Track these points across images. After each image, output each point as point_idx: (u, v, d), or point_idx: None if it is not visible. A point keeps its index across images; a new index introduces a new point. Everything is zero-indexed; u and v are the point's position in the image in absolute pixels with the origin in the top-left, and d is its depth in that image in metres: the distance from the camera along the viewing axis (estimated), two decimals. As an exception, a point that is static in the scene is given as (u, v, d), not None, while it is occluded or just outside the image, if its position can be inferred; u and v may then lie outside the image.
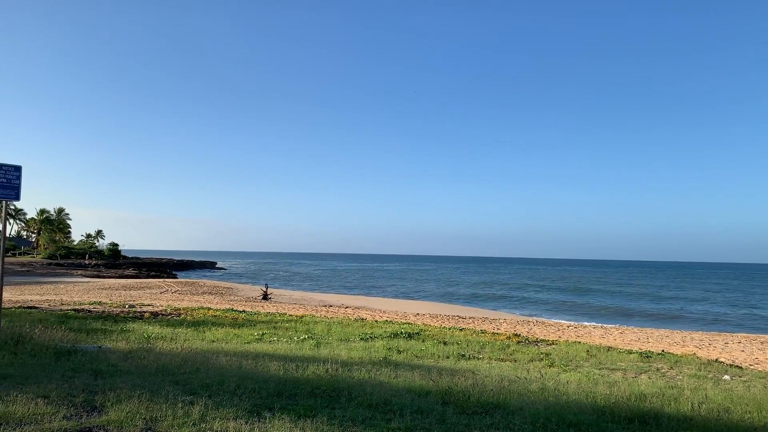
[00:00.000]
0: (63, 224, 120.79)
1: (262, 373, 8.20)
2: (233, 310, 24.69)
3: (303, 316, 23.20)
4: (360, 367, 9.41)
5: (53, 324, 14.11)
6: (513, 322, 28.68)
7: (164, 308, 24.34)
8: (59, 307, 23.17)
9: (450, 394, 7.19)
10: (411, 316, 29.32)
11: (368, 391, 7.00)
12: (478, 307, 46.67)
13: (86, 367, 8.26)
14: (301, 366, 8.90)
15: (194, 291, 45.85)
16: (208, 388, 6.86)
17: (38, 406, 5.62)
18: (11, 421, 5.14)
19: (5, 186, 10.81)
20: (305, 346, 13.32)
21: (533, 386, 8.34)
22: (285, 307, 30.99)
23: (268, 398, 6.53)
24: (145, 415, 5.40)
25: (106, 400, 5.97)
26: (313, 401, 6.55)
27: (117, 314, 20.59)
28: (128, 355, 9.67)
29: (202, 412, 5.53)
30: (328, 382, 7.58)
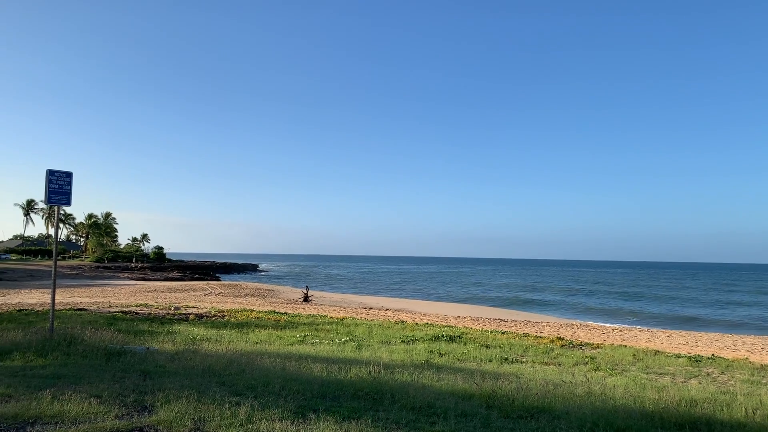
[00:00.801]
0: (110, 228, 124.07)
1: (305, 375, 8.27)
2: (275, 312, 24.98)
3: (344, 318, 23.32)
4: (402, 370, 9.40)
5: (102, 326, 14.53)
6: (556, 326, 28.25)
7: (208, 310, 24.79)
8: (107, 309, 23.83)
9: (494, 397, 7.13)
10: (451, 318, 29.16)
11: (411, 393, 6.99)
12: (519, 309, 46.14)
13: (135, 367, 8.48)
14: (343, 368, 8.94)
15: (237, 293, 46.56)
16: (254, 389, 6.95)
17: (91, 405, 5.78)
18: (66, 419, 5.30)
19: (57, 192, 11.19)
20: (347, 348, 13.39)
21: (579, 390, 8.20)
22: (325, 310, 31.19)
23: (312, 400, 6.59)
24: (194, 415, 5.50)
25: (155, 400, 6.10)
26: (357, 403, 6.58)
27: (163, 316, 21.06)
28: (175, 356, 9.87)
29: (249, 412, 5.60)
30: (370, 384, 7.60)
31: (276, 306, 32.04)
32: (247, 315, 22.61)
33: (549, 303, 54.20)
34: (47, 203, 11.16)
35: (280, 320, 20.83)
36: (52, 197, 11.12)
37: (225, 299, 37.55)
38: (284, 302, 37.62)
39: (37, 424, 5.13)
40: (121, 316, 20.41)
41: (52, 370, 8.04)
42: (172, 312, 23.18)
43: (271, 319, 21.21)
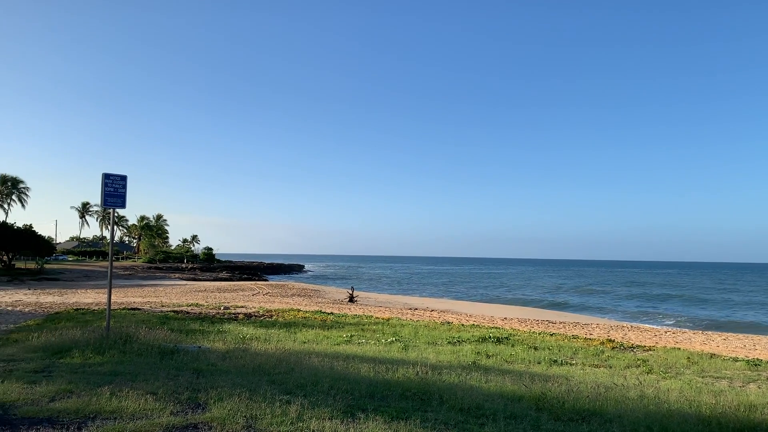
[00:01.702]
0: (161, 230, 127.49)
1: (353, 375, 8.33)
2: (322, 312, 25.20)
3: (389, 318, 23.36)
4: (449, 371, 9.37)
5: (155, 325, 14.93)
6: (606, 327, 27.67)
7: (257, 310, 25.19)
8: (160, 308, 24.47)
9: (543, 399, 7.05)
10: (498, 320, 28.89)
11: (459, 395, 6.97)
12: (567, 311, 45.37)
13: (188, 366, 8.70)
14: (390, 368, 8.97)
15: (284, 293, 47.19)
16: (303, 387, 7.05)
17: (147, 402, 5.97)
18: (125, 415, 5.49)
19: (113, 195, 11.55)
20: (393, 348, 13.41)
21: (631, 393, 8.03)
22: (371, 310, 31.31)
23: (361, 399, 6.64)
24: (246, 413, 5.62)
25: (208, 398, 6.25)
26: (405, 403, 6.60)
27: (213, 315, 21.51)
28: (226, 355, 10.08)
29: (299, 411, 5.68)
30: (418, 384, 7.61)
31: (322, 306, 32.33)
32: (295, 315, 22.88)
33: (596, 304, 53.10)
34: (103, 206, 11.54)
35: (327, 320, 21.01)
36: (107, 200, 11.48)
37: (272, 299, 38.10)
38: (330, 302, 37.93)
39: (97, 419, 5.32)
40: (173, 315, 20.94)
41: (110, 368, 8.32)
42: (222, 311, 23.65)
43: (318, 319, 21.42)
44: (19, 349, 10.78)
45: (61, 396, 6.20)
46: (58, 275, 65.00)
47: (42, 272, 66.76)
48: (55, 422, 5.22)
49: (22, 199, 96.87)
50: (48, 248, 76.70)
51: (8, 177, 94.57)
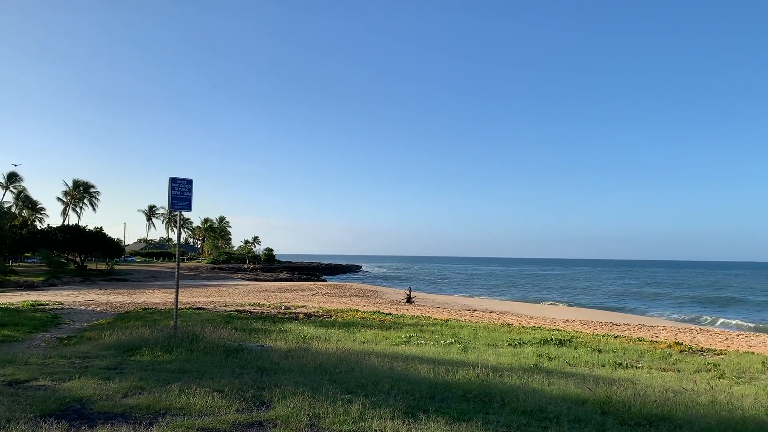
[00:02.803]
0: (224, 231, 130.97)
1: (413, 375, 8.34)
2: (380, 313, 25.34)
3: (448, 320, 23.27)
4: (511, 373, 9.26)
5: (220, 324, 15.34)
6: (673, 330, 26.73)
7: (316, 310, 25.55)
8: (223, 308, 25.14)
9: (609, 403, 6.87)
10: (560, 322, 28.32)
11: (521, 397, 6.87)
12: (630, 312, 44.06)
13: (252, 364, 8.90)
14: (450, 370, 8.93)
15: (342, 293, 47.66)
16: (364, 387, 7.09)
17: (214, 399, 6.13)
18: (193, 412, 5.66)
19: (179, 198, 11.92)
20: (452, 350, 13.36)
21: (702, 399, 7.73)
22: (429, 311, 31.25)
23: (421, 400, 6.63)
24: (309, 412, 5.70)
25: (272, 396, 6.38)
26: (466, 405, 6.55)
27: (274, 315, 21.94)
28: (288, 353, 10.26)
29: (361, 410, 5.72)
30: (479, 386, 7.54)
31: (380, 306, 32.48)
32: (353, 315, 23.09)
33: (661, 305, 51.40)
34: (170, 209, 11.94)
35: (385, 321, 21.11)
36: (174, 203, 11.87)
37: (331, 299, 38.55)
38: (388, 303, 38.07)
39: (167, 415, 5.51)
40: (236, 314, 21.48)
41: (178, 365, 8.60)
42: (283, 311, 24.10)
43: (376, 319, 21.54)
44: (93, 347, 11.29)
45: (133, 392, 6.44)
46: (127, 276, 67.67)
47: (112, 273, 69.65)
48: (128, 417, 5.43)
49: (93, 203, 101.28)
50: (117, 250, 79.99)
51: (80, 182, 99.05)
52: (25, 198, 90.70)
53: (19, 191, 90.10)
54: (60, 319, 20.01)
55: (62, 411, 5.60)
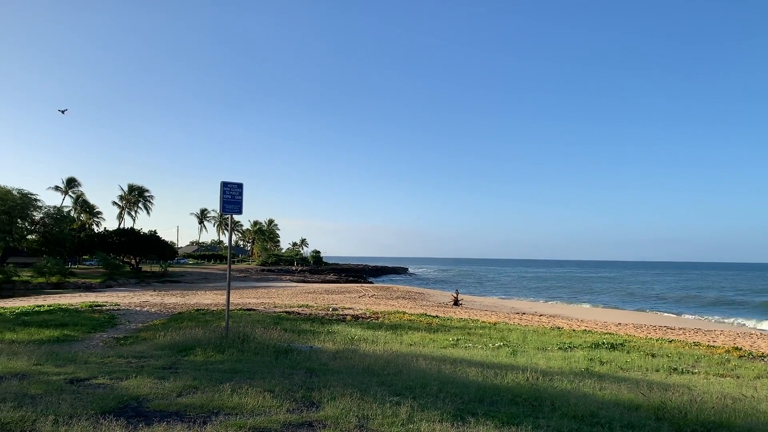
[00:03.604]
0: (272, 234, 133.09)
1: (461, 378, 8.30)
2: (427, 315, 25.28)
3: (496, 323, 23.04)
4: (561, 377, 9.11)
5: (270, 325, 15.58)
6: (731, 334, 25.77)
7: (363, 311, 25.68)
8: (272, 309, 25.52)
9: (663, 409, 6.69)
10: (611, 325, 27.68)
11: (572, 402, 6.76)
12: (685, 316, 42.70)
13: (301, 365, 9.02)
14: (499, 373, 8.85)
15: (388, 296, 47.73)
16: (412, 390, 7.09)
17: (265, 399, 6.24)
18: (245, 411, 5.77)
19: (230, 201, 12.17)
20: (501, 353, 13.22)
21: (763, 406, 7.45)
22: (476, 314, 31.00)
23: (470, 403, 6.59)
24: (357, 413, 5.74)
25: (322, 396, 6.45)
26: (515, 409, 6.48)
27: (322, 317, 22.16)
28: (336, 355, 10.35)
29: (409, 412, 5.73)
30: (528, 390, 7.45)
31: (427, 309, 32.40)
32: (400, 317, 23.11)
33: (718, 309, 49.56)
34: (222, 212, 12.19)
35: (432, 323, 21.05)
36: (226, 207, 12.12)
37: (378, 301, 38.66)
38: (434, 305, 37.95)
39: (220, 415, 5.64)
40: (285, 316, 21.78)
41: (230, 366, 8.79)
42: (331, 313, 24.30)
43: (423, 322, 21.50)
44: (148, 347, 11.63)
45: (187, 391, 6.61)
46: (180, 278, 69.42)
47: (165, 275, 71.60)
48: (183, 416, 5.59)
49: (147, 206, 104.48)
50: (171, 252, 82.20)
51: (135, 186, 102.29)
52: (83, 202, 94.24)
53: (77, 195, 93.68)
54: (116, 319, 20.67)
55: (120, 409, 5.80)
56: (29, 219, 68.34)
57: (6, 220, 63.12)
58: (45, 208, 69.72)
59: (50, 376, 7.48)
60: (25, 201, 66.28)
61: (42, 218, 69.34)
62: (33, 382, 7.01)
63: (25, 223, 68.13)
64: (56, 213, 71.23)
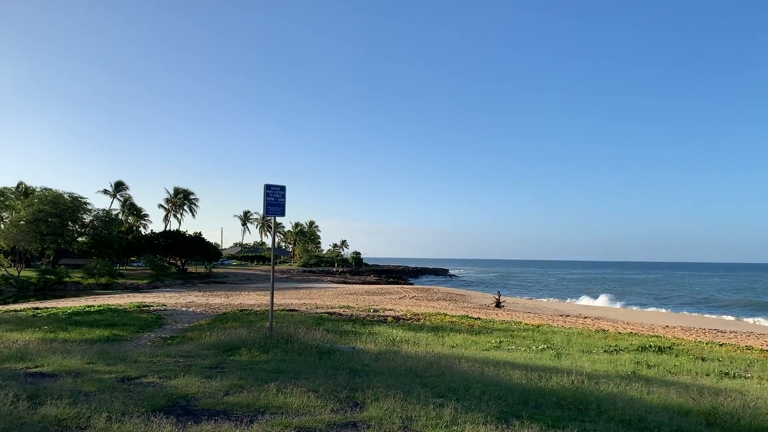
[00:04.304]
0: (313, 235, 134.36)
1: (504, 381, 8.23)
2: (468, 317, 25.13)
3: (539, 325, 22.76)
4: (607, 381, 8.94)
5: (312, 325, 15.73)
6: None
7: (404, 313, 25.68)
8: (314, 310, 25.75)
9: (715, 414, 6.51)
10: (659, 328, 27.01)
11: (619, 405, 6.64)
12: (737, 318, 41.35)
13: (344, 365, 9.08)
14: (543, 376, 8.74)
15: (429, 297, 47.61)
16: (455, 392, 7.08)
17: (310, 399, 6.32)
18: (290, 410, 5.86)
19: (273, 204, 12.35)
20: (545, 356, 13.06)
21: (822, 413, 7.17)
22: (519, 316, 30.67)
23: (514, 406, 6.54)
24: (401, 414, 5.75)
25: (365, 397, 6.49)
26: (560, 412, 6.40)
27: (364, 318, 22.25)
28: (378, 356, 10.39)
29: (453, 414, 5.72)
30: (573, 393, 7.35)
31: (468, 311, 32.21)
32: (441, 319, 23.04)
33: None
34: (265, 215, 12.37)
35: (474, 325, 20.92)
36: (269, 209, 12.31)
37: (418, 303, 38.61)
38: (476, 307, 37.69)
39: (266, 414, 5.73)
40: (326, 316, 21.96)
41: (274, 365, 8.92)
42: (372, 314, 24.39)
43: (465, 323, 21.39)
44: (195, 347, 11.87)
45: (234, 391, 6.74)
46: (224, 278, 70.69)
47: (210, 276, 73.01)
48: (230, 415, 5.70)
49: (192, 209, 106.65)
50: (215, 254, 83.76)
51: (180, 189, 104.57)
52: (130, 205, 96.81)
53: (125, 199, 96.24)
54: (163, 319, 21.19)
55: (170, 407, 5.95)
56: (80, 222, 70.77)
57: (58, 223, 65.50)
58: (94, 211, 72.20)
59: (102, 374, 7.72)
60: (75, 204, 68.72)
61: (92, 221, 71.70)
62: (86, 380, 7.25)
63: (76, 225, 70.58)
64: (105, 216, 73.57)
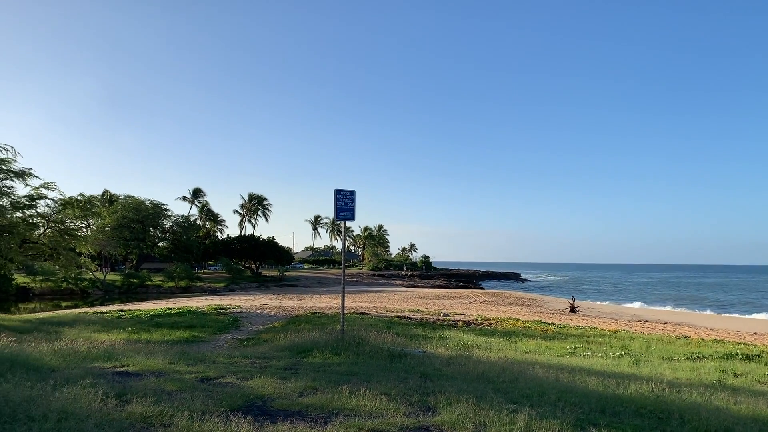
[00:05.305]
0: (382, 239, 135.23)
1: (580, 387, 8.02)
2: (541, 322, 24.64)
3: (616, 331, 22.03)
4: (690, 389, 8.56)
5: (382, 329, 15.83)
6: None
7: (475, 317, 25.43)
8: (384, 313, 25.89)
9: (810, 428, 6.12)
10: (746, 335, 25.60)
11: (703, 416, 6.34)
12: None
13: (415, 369, 9.09)
14: (621, 383, 8.46)
15: (500, 302, 46.94)
16: (529, 398, 6.96)
17: (382, 402, 6.36)
18: (363, 413, 5.91)
19: (344, 209, 12.52)
20: (622, 362, 12.63)
21: None
22: (595, 321, 29.78)
23: (591, 413, 6.36)
24: (474, 419, 5.71)
25: (437, 401, 6.47)
26: (640, 421, 6.19)
27: (433, 322, 22.19)
28: (449, 360, 10.33)
29: (527, 421, 5.61)
30: (654, 402, 7.08)
31: (541, 316, 31.55)
32: (513, 324, 22.68)
33: None
34: (336, 219, 12.56)
35: (548, 330, 20.49)
36: (339, 213, 12.48)
37: (489, 307, 38.13)
38: (549, 312, 36.86)
39: (339, 415, 5.82)
40: (396, 320, 22.03)
41: (346, 368, 9.03)
42: (442, 318, 24.29)
43: (538, 329, 20.98)
44: (269, 348, 12.18)
45: (308, 392, 6.87)
46: (296, 282, 72.13)
47: (283, 279, 74.73)
48: (304, 416, 5.82)
49: (265, 214, 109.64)
50: (287, 258, 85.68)
51: (254, 195, 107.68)
52: (207, 211, 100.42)
53: (202, 205, 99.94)
54: (239, 321, 21.84)
55: (247, 407, 6.13)
56: (160, 227, 74.05)
57: (140, 228, 68.76)
58: (174, 217, 75.49)
59: (183, 374, 8.04)
60: (156, 211, 72.05)
61: (171, 227, 74.91)
62: (168, 379, 7.56)
63: (157, 231, 73.91)
64: (184, 222, 76.74)
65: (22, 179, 19.88)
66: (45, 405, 5.48)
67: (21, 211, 20.62)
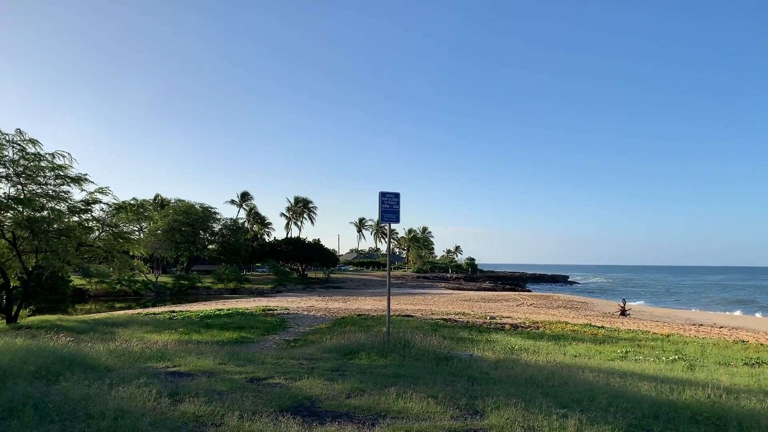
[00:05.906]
0: (427, 241, 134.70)
1: (632, 393, 7.82)
2: (591, 326, 24.12)
3: (669, 334, 21.41)
4: (748, 396, 8.26)
5: (428, 331, 15.78)
6: None
7: (522, 321, 25.10)
8: (429, 316, 25.80)
9: None
10: (808, 340, 24.54)
11: (763, 423, 6.14)
12: None
13: (462, 372, 9.03)
14: (675, 388, 8.22)
15: (549, 305, 46.21)
16: (579, 402, 6.83)
17: (429, 405, 6.34)
18: (410, 416, 5.91)
19: (388, 211, 12.53)
20: (676, 367, 12.27)
21: None
22: (646, 325, 28.98)
23: (644, 419, 6.21)
24: (523, 423, 5.63)
25: (485, 405, 6.41)
26: (695, 428, 6.02)
27: (480, 325, 22.00)
28: (497, 364, 10.23)
29: (577, 426, 5.51)
30: (710, 408, 6.87)
31: (591, 319, 30.90)
32: (562, 327, 22.29)
33: None
34: (381, 221, 12.61)
35: (598, 334, 20.06)
36: (384, 216, 12.51)
37: (537, 310, 37.58)
38: (599, 315, 36.08)
39: (387, 418, 5.82)
40: (442, 323, 21.93)
41: (392, 370, 9.04)
42: (488, 321, 24.06)
43: (588, 332, 20.56)
44: (316, 350, 12.29)
45: (355, 394, 6.90)
46: (342, 284, 72.60)
47: (328, 281, 75.36)
48: (352, 417, 5.85)
49: (311, 216, 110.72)
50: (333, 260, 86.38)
51: (300, 198, 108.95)
52: (255, 214, 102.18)
53: (250, 208, 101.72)
54: (286, 323, 22.12)
55: (295, 407, 6.20)
56: (210, 230, 75.67)
57: (191, 231, 70.43)
58: (223, 220, 77.09)
59: (233, 374, 8.18)
60: (206, 214, 73.72)
61: (220, 230, 76.48)
62: (219, 379, 7.71)
63: (207, 234, 75.53)
64: (232, 225, 78.28)
65: (78, 184, 20.55)
66: (102, 403, 5.66)
67: (77, 216, 21.32)
